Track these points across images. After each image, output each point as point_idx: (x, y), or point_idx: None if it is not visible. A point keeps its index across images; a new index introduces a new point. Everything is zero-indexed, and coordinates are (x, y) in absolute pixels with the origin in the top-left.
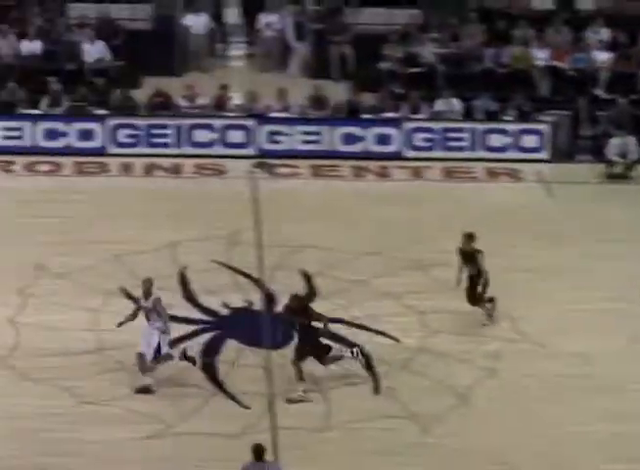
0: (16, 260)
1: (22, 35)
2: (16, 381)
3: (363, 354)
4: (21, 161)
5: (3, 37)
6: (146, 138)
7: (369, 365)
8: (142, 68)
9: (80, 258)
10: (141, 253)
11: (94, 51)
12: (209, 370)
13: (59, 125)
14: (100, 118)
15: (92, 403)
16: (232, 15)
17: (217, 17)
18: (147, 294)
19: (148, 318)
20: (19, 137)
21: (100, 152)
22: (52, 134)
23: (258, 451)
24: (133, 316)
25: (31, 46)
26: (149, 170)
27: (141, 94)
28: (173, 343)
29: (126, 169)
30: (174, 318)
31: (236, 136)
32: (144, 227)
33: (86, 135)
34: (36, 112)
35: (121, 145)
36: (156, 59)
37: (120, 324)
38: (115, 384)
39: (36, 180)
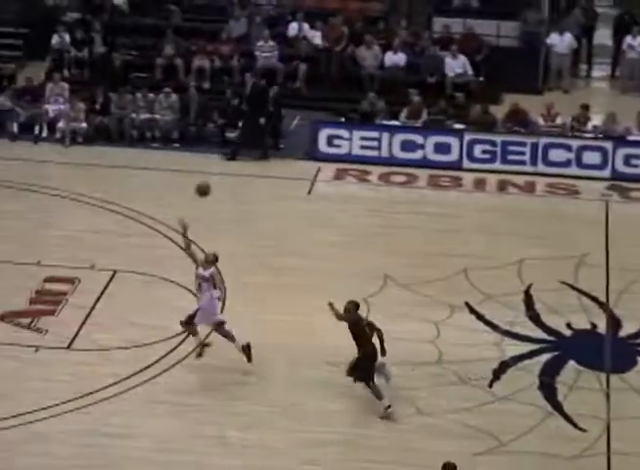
0: (362, 268)
1: (386, 47)
2: (356, 387)
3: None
4: (376, 171)
5: (368, 48)
6: (501, 155)
7: None
8: (503, 84)
9: (427, 270)
10: (488, 268)
11: (456, 65)
12: (548, 390)
13: (416, 138)
14: (457, 133)
15: (429, 415)
16: (602, 36)
17: (586, 36)
18: (207, 264)
19: (199, 286)
20: (376, 147)
21: (455, 166)
22: (409, 146)
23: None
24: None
25: (395, 58)
26: (502, 187)
27: (500, 110)
28: (514, 360)
29: (480, 185)
30: (516, 336)
31: (592, 157)
32: (493, 243)
33: (443, 149)
34: (395, 123)
35: (477, 160)
36: (518, 76)
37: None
38: (453, 397)
39: (390, 191)
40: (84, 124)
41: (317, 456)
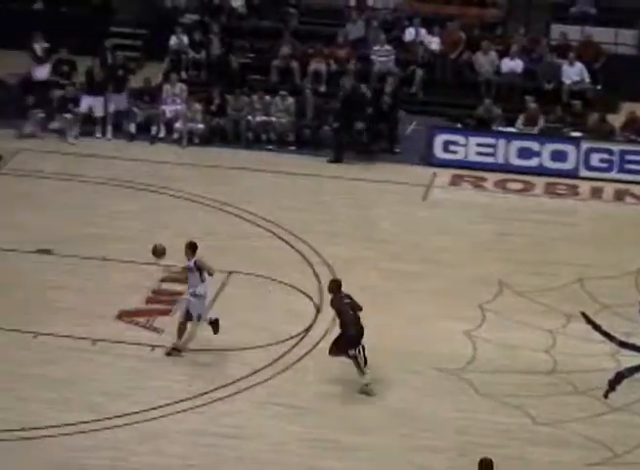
0: (478, 276)
1: (503, 53)
2: (469, 394)
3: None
4: (492, 177)
5: (484, 54)
6: (619, 163)
7: None
8: (621, 92)
9: (542, 278)
10: (604, 278)
11: (573, 73)
12: None
13: (533, 145)
14: (574, 141)
15: (542, 424)
16: None
17: None
18: (186, 255)
19: (188, 280)
20: (492, 154)
21: (571, 174)
22: (525, 153)
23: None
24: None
25: (512, 64)
26: (620, 196)
27: (617, 119)
28: (630, 371)
29: (596, 193)
30: (633, 347)
31: None
32: (609, 252)
33: (559, 156)
34: (511, 130)
35: (594, 169)
36: (636, 84)
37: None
38: (567, 407)
39: (506, 198)
40: (201, 125)
41: (429, 462)
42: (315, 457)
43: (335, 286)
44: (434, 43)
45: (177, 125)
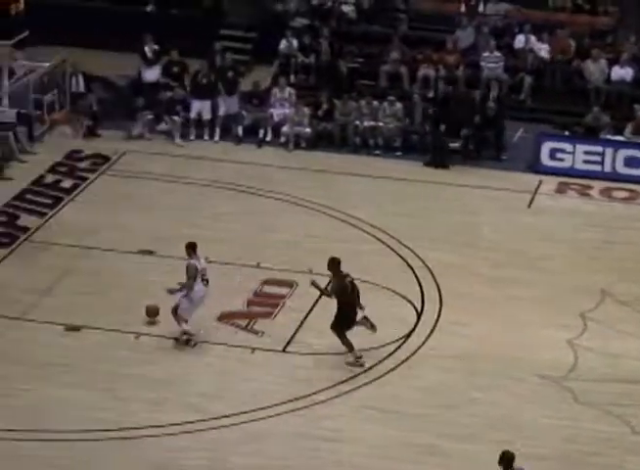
0: (581, 283)
1: (613, 61)
2: (570, 403)
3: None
4: (598, 185)
5: (594, 61)
6: None
7: None
8: None
9: None
10: None
11: None
12: None
13: None
14: None
15: None
16: None
17: None
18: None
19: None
20: (599, 162)
21: None
22: (633, 162)
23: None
24: None
25: (622, 72)
26: None
27: None
28: None
29: None
30: None
31: None
32: None
33: None
34: (619, 138)
35: None
36: None
37: None
38: None
39: (612, 206)
40: (308, 129)
41: None
42: (413, 462)
43: (333, 264)
44: (544, 50)
45: (284, 129)
